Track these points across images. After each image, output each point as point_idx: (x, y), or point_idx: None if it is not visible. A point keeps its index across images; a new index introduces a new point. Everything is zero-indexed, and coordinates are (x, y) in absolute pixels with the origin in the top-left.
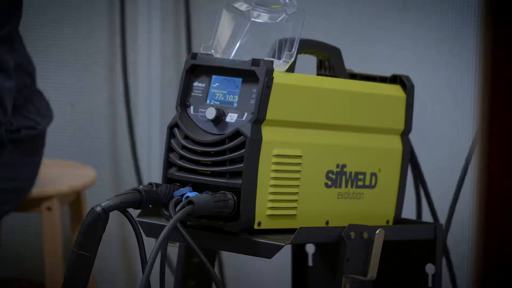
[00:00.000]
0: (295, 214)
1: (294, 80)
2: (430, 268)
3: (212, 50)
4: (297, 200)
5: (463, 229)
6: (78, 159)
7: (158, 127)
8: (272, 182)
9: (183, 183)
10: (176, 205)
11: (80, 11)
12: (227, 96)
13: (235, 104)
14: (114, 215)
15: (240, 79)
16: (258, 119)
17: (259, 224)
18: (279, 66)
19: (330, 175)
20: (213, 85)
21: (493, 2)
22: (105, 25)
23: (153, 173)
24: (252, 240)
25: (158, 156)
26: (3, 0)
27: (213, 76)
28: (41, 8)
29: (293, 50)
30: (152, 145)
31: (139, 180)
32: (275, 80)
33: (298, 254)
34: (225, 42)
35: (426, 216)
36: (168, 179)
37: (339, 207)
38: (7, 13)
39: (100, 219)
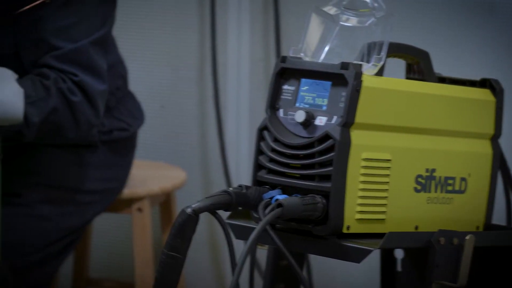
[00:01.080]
0: (384, 219)
1: (383, 84)
2: None
3: (302, 53)
4: (386, 204)
5: None
6: (168, 160)
7: (247, 129)
8: (361, 186)
9: (273, 186)
10: (265, 207)
11: (171, 13)
12: (316, 99)
13: (324, 107)
14: (204, 217)
15: (330, 83)
16: (347, 123)
17: (348, 228)
18: (368, 70)
19: (419, 179)
20: (303, 88)
21: None
22: (195, 27)
23: (241, 175)
24: (341, 244)
25: (246, 158)
26: (97, 4)
27: (302, 79)
28: (131, 11)
29: (382, 53)
30: (241, 147)
31: (228, 182)
32: (364, 84)
33: (387, 259)
34: (314, 45)
35: None
36: (257, 182)
37: (428, 212)
38: (102, 17)
39: (191, 220)
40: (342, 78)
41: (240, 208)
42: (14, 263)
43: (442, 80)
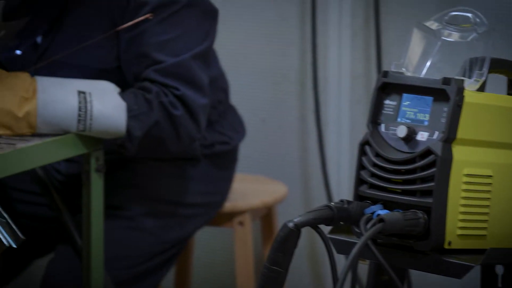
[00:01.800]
0: (485, 234)
1: (485, 99)
2: None
3: (403, 68)
4: (487, 220)
5: None
6: (268, 174)
7: (348, 144)
8: (463, 201)
9: (374, 201)
10: (367, 222)
11: (272, 28)
12: (418, 114)
13: (426, 123)
14: (305, 231)
15: (431, 98)
16: (449, 138)
17: (449, 243)
18: (470, 85)
19: None
20: (404, 103)
21: None
22: (296, 42)
23: (342, 189)
24: (442, 259)
25: (347, 173)
26: (199, 18)
27: (404, 94)
28: (233, 25)
29: (483, 69)
30: (342, 161)
31: (329, 197)
32: (466, 99)
33: (488, 275)
34: (416, 60)
35: None
36: (359, 196)
37: None
38: (203, 31)
39: (293, 234)
40: (444, 94)
41: (341, 222)
42: (117, 276)
43: None
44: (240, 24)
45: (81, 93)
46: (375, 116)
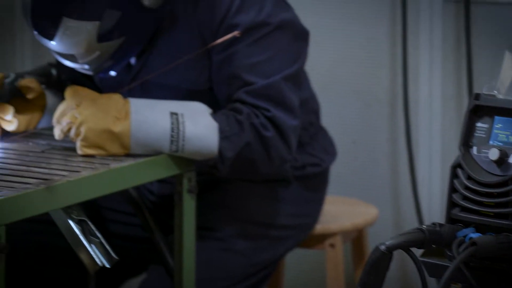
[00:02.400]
0: None
1: None
2: None
3: (495, 91)
4: None
5: None
6: (359, 196)
7: (439, 166)
8: None
9: (466, 224)
10: (459, 245)
11: (363, 50)
12: (510, 137)
13: None
14: (396, 254)
15: None
16: None
17: None
18: None
19: None
20: (496, 125)
21: None
22: (387, 64)
23: (434, 212)
24: None
25: (438, 195)
26: (290, 40)
27: (496, 117)
28: (323, 46)
29: None
30: (433, 184)
31: (420, 219)
32: None
33: None
34: (508, 83)
35: None
36: (451, 219)
37: None
38: (294, 53)
39: (385, 257)
40: None
41: (433, 245)
42: None
43: None
44: (331, 46)
45: (173, 114)
46: (467, 139)
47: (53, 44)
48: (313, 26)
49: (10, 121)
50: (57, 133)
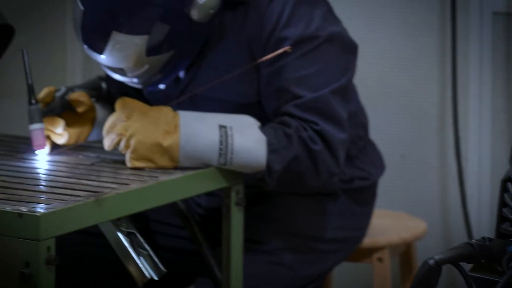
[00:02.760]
0: None
1: None
2: None
3: None
4: None
5: None
6: (407, 210)
7: (489, 180)
8: None
9: None
10: (509, 261)
11: (413, 63)
12: None
13: None
14: (445, 269)
15: None
16: None
17: None
18: None
19: None
20: None
21: None
22: (436, 77)
23: (483, 227)
24: None
25: (488, 209)
26: (339, 54)
27: None
28: (371, 60)
29: None
30: (483, 198)
31: (469, 234)
32: None
33: None
34: None
35: None
36: (501, 234)
37: None
38: (343, 66)
39: (433, 272)
40: None
41: (483, 260)
42: None
43: None
44: (380, 59)
45: (222, 127)
46: None
47: (102, 58)
48: (362, 39)
49: (61, 134)
50: (107, 145)
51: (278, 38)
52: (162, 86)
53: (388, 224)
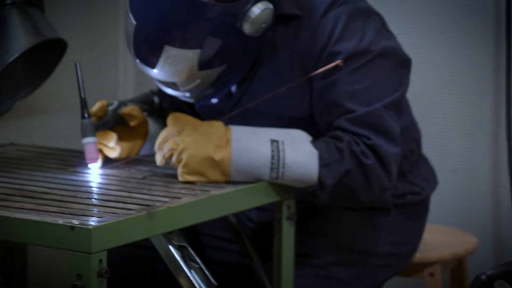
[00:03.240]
0: None
1: None
2: None
3: None
4: None
5: None
6: (460, 225)
7: None
8: None
9: None
10: None
11: (466, 78)
12: None
13: None
14: (497, 284)
15: None
16: None
17: None
18: None
19: None
20: None
21: None
22: (490, 92)
23: None
24: None
25: None
26: (391, 68)
27: None
28: (427, 74)
29: None
30: None
31: None
32: None
33: None
34: None
35: None
36: None
37: None
38: (395, 81)
39: (485, 287)
40: None
41: None
42: None
43: None
44: (433, 74)
45: (274, 141)
46: None
47: (155, 72)
48: (415, 54)
49: (113, 148)
50: (159, 159)
51: (330, 52)
52: (214, 101)
53: (439, 239)
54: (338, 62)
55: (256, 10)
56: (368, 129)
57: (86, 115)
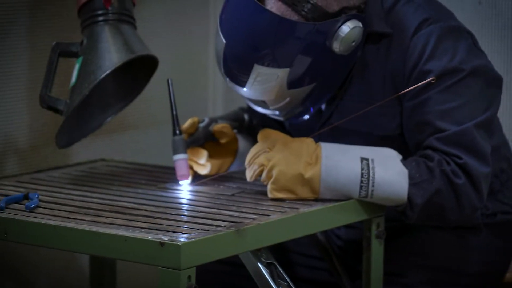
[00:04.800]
0: None
1: None
2: None
3: None
4: None
5: None
6: None
7: None
8: None
9: None
10: None
11: None
12: None
13: None
14: None
15: None
16: None
17: None
18: None
19: None
20: None
21: None
22: None
23: None
24: None
25: None
26: (482, 87)
27: None
28: None
29: None
30: None
31: None
32: None
33: None
34: None
35: None
36: None
37: None
38: (486, 100)
39: None
40: None
41: None
42: None
43: None
44: None
45: (364, 159)
46: None
47: (244, 91)
48: (506, 72)
49: (204, 165)
50: (249, 176)
51: (421, 71)
52: (305, 118)
53: None
54: (430, 79)
55: (346, 28)
56: (459, 149)
57: (177, 131)
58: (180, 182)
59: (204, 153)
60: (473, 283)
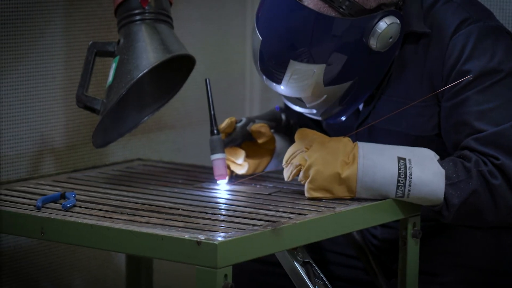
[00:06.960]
0: None
1: None
2: None
3: None
4: None
5: None
6: None
7: None
8: None
9: None
10: None
11: None
12: None
13: None
14: None
15: None
16: None
17: None
18: None
19: None
20: None
21: None
22: None
23: None
24: None
25: None
26: None
27: None
28: None
29: None
30: None
31: None
32: None
33: None
34: None
35: None
36: None
37: None
38: None
39: None
40: None
41: None
42: None
43: None
44: None
45: (401, 159)
46: None
47: (281, 88)
48: None
49: (241, 165)
50: (286, 175)
51: (460, 71)
52: (342, 118)
53: None
54: (468, 77)
55: (383, 24)
56: (496, 149)
57: (215, 131)
58: (218, 182)
59: (242, 153)
60: (508, 283)
